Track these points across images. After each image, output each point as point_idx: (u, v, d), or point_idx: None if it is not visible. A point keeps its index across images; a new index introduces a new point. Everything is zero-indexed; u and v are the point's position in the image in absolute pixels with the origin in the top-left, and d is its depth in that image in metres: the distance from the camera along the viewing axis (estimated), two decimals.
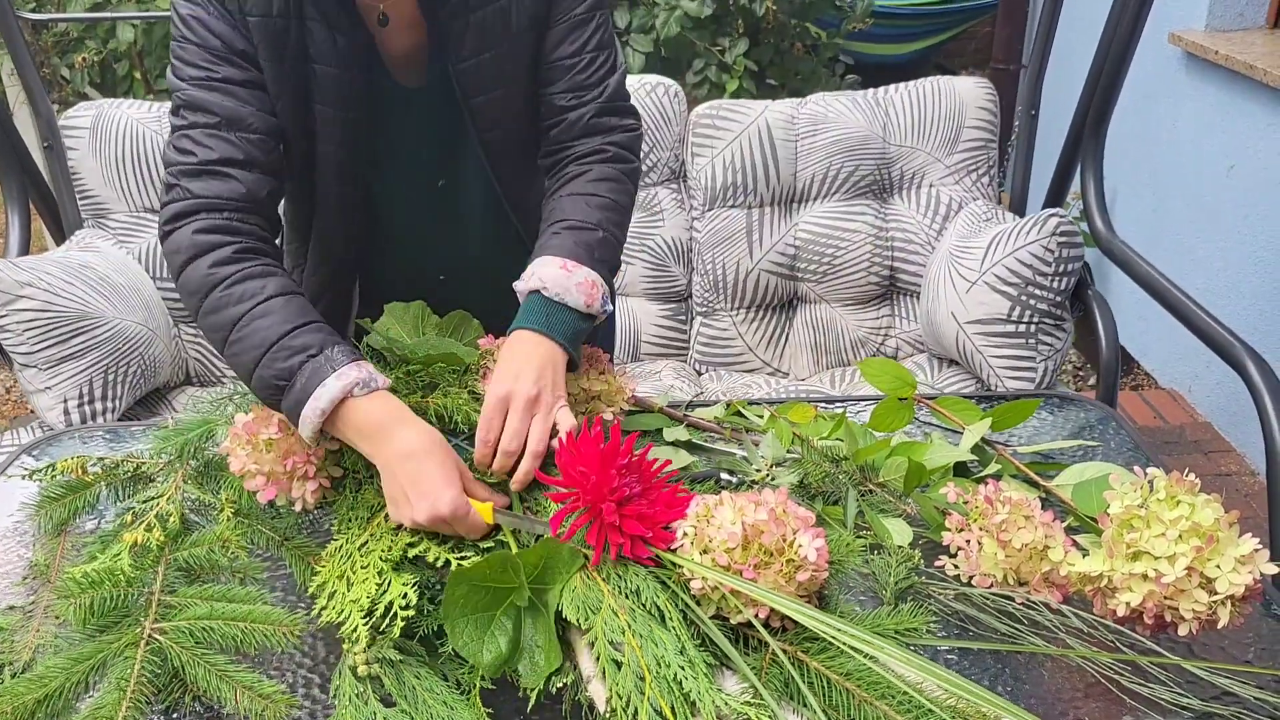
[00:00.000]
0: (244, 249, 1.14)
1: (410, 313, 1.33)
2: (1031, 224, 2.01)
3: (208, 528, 1.13)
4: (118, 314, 2.09)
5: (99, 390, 2.03)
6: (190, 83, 1.16)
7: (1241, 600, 0.94)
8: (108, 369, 2.04)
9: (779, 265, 2.41)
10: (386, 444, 1.05)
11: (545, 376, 1.13)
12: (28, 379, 2.00)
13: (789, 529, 0.97)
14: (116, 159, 2.32)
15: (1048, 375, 2.07)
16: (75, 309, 2.00)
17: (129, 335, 2.09)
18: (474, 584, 0.96)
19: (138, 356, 2.11)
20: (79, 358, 2.00)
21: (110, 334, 2.05)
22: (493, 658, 0.94)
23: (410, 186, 1.39)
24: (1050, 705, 0.98)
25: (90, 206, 2.36)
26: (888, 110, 2.41)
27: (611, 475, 1.00)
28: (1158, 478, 1.00)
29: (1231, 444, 3.01)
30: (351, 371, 1.07)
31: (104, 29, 3.49)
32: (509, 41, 1.25)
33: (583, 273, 1.19)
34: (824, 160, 2.38)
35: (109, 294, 2.10)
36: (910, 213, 2.41)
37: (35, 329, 1.96)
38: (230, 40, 1.17)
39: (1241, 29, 3.00)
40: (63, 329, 1.98)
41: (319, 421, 1.06)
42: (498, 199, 1.39)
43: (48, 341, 1.97)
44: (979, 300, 2.07)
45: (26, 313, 1.94)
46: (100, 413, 2.03)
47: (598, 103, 1.30)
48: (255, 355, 1.08)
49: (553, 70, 1.29)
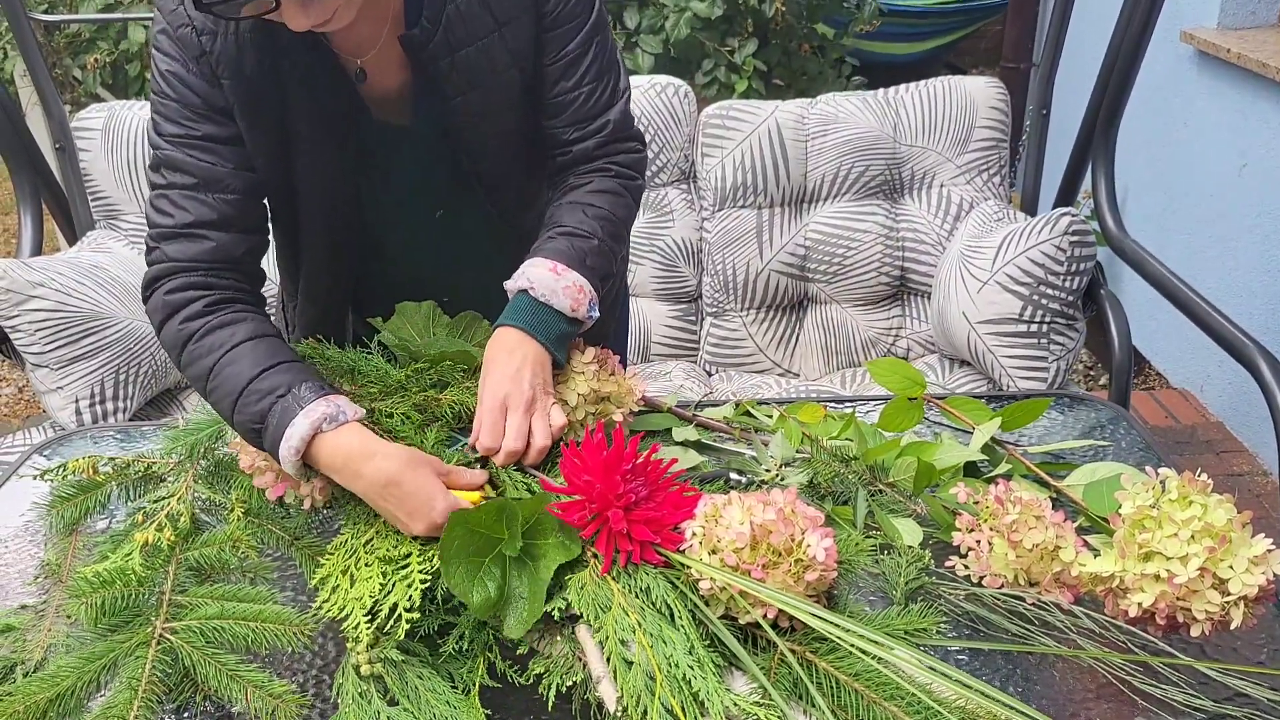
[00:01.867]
0: (215, 301, 1.16)
1: (421, 312, 1.34)
2: (1043, 223, 2.00)
3: (218, 527, 1.14)
4: (129, 314, 2.10)
5: (110, 390, 2.04)
6: (169, 140, 1.16)
7: (1254, 601, 0.93)
8: (119, 369, 2.05)
9: (789, 266, 2.41)
10: (359, 478, 1.06)
11: (537, 376, 1.15)
12: (40, 379, 2.01)
13: (797, 529, 0.97)
14: (129, 161, 2.33)
15: (1060, 375, 2.06)
16: (87, 309, 2.01)
17: (140, 335, 2.10)
18: (470, 528, 0.98)
19: (149, 356, 2.12)
20: (90, 358, 2.02)
21: (121, 334, 2.06)
22: (481, 600, 0.97)
23: (408, 217, 1.38)
24: (1061, 706, 0.97)
25: (102, 208, 2.37)
26: (898, 110, 2.41)
27: (617, 481, 1.00)
28: (1170, 478, 0.99)
29: (1244, 444, 3.00)
30: (320, 407, 1.07)
31: (115, 30, 3.50)
32: (494, 76, 1.24)
33: (572, 276, 1.19)
34: (834, 160, 2.38)
35: (120, 294, 2.11)
36: (921, 213, 2.41)
37: (47, 329, 1.97)
38: (209, 98, 1.16)
39: (1254, 27, 2.99)
40: (74, 329, 1.99)
41: (296, 459, 1.07)
42: (494, 224, 1.39)
43: (59, 342, 1.98)
44: (990, 300, 2.06)
45: (39, 313, 1.96)
46: (111, 413, 2.04)
47: (601, 135, 1.30)
48: (230, 402, 1.10)
49: (554, 106, 1.29)
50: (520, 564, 1.00)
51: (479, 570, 0.98)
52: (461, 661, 1.00)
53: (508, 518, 1.00)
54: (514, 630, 0.97)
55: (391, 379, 1.22)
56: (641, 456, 1.04)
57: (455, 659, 1.00)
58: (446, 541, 0.97)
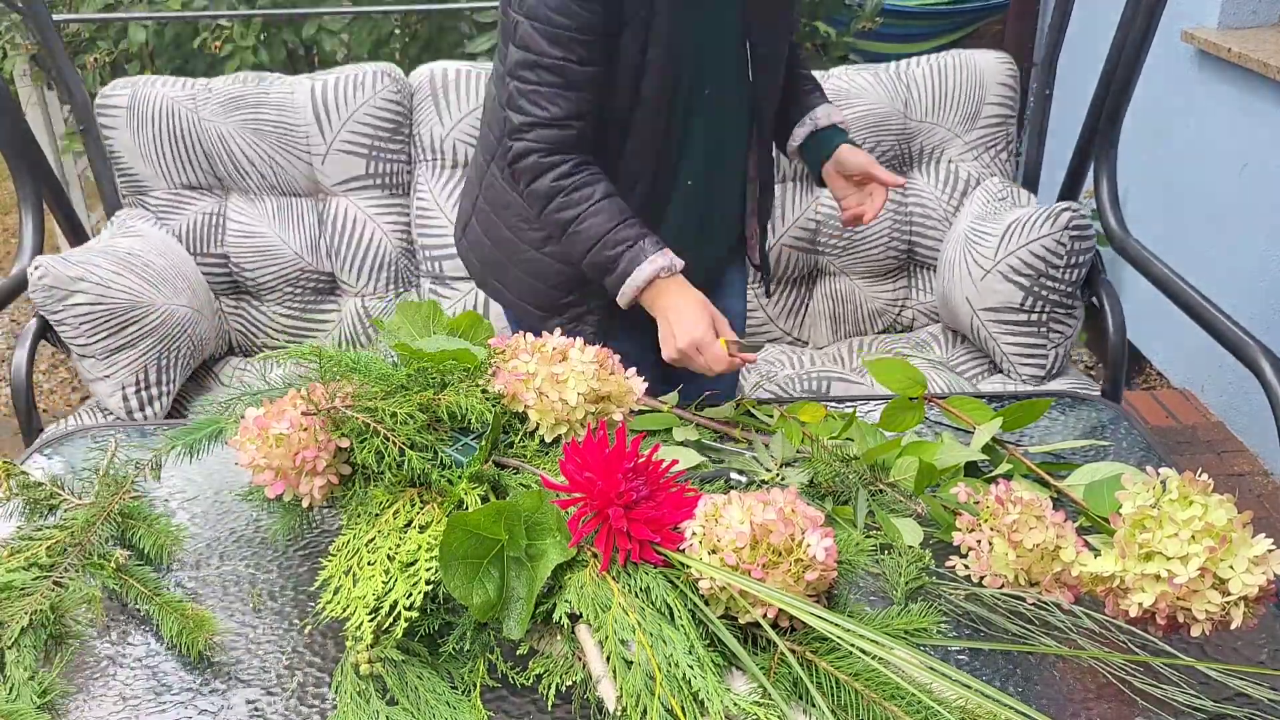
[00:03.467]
0: (578, 163, 1.49)
1: (421, 311, 1.34)
2: (1045, 217, 2.03)
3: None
4: (165, 300, 2.14)
5: (154, 376, 2.11)
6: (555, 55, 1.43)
7: (1255, 602, 0.93)
8: (160, 354, 2.12)
9: (801, 240, 2.45)
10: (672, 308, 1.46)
11: None
12: (87, 368, 2.07)
13: (797, 529, 0.97)
14: (154, 136, 2.35)
15: (1058, 361, 2.12)
16: (126, 299, 2.06)
17: (178, 319, 2.16)
18: (468, 530, 0.98)
19: (186, 339, 2.18)
20: (132, 346, 2.07)
21: (160, 320, 2.11)
22: (481, 602, 0.97)
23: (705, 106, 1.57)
24: (1062, 706, 0.97)
25: (129, 184, 2.40)
26: (909, 85, 2.42)
27: (618, 480, 1.00)
28: (1170, 478, 0.99)
29: (1244, 444, 3.00)
30: (659, 259, 1.46)
31: (115, 29, 3.50)
32: None
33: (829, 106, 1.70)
34: None
35: (155, 280, 2.15)
36: (929, 187, 2.44)
37: (90, 322, 2.02)
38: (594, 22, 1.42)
39: (1255, 26, 2.99)
40: (116, 320, 2.04)
41: (635, 296, 1.48)
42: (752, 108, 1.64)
43: (103, 332, 2.03)
44: (993, 288, 2.11)
45: (80, 306, 2.00)
46: (157, 397, 2.11)
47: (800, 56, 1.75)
48: (588, 245, 1.48)
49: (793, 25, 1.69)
50: (519, 564, 1.00)
51: (478, 572, 0.98)
52: (461, 662, 1.00)
53: (507, 518, 1.00)
54: (514, 630, 0.97)
55: (393, 379, 1.22)
56: (642, 456, 1.04)
57: (455, 659, 1.00)
58: (445, 544, 0.97)
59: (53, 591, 1.06)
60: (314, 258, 2.42)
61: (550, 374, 1.19)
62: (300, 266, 2.42)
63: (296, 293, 2.45)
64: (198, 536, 1.25)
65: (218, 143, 2.37)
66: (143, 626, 1.10)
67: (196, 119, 2.35)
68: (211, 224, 2.40)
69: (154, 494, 1.32)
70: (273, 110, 2.36)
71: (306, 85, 2.36)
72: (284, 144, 2.37)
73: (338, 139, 2.36)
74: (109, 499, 1.19)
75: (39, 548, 1.11)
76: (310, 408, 1.11)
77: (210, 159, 2.38)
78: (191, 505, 1.31)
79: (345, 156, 2.37)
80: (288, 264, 2.41)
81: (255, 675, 1.03)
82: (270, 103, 2.36)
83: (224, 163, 2.39)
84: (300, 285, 2.44)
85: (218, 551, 1.22)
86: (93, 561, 1.12)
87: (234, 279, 2.44)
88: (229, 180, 2.42)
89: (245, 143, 2.37)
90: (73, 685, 1.02)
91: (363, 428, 1.12)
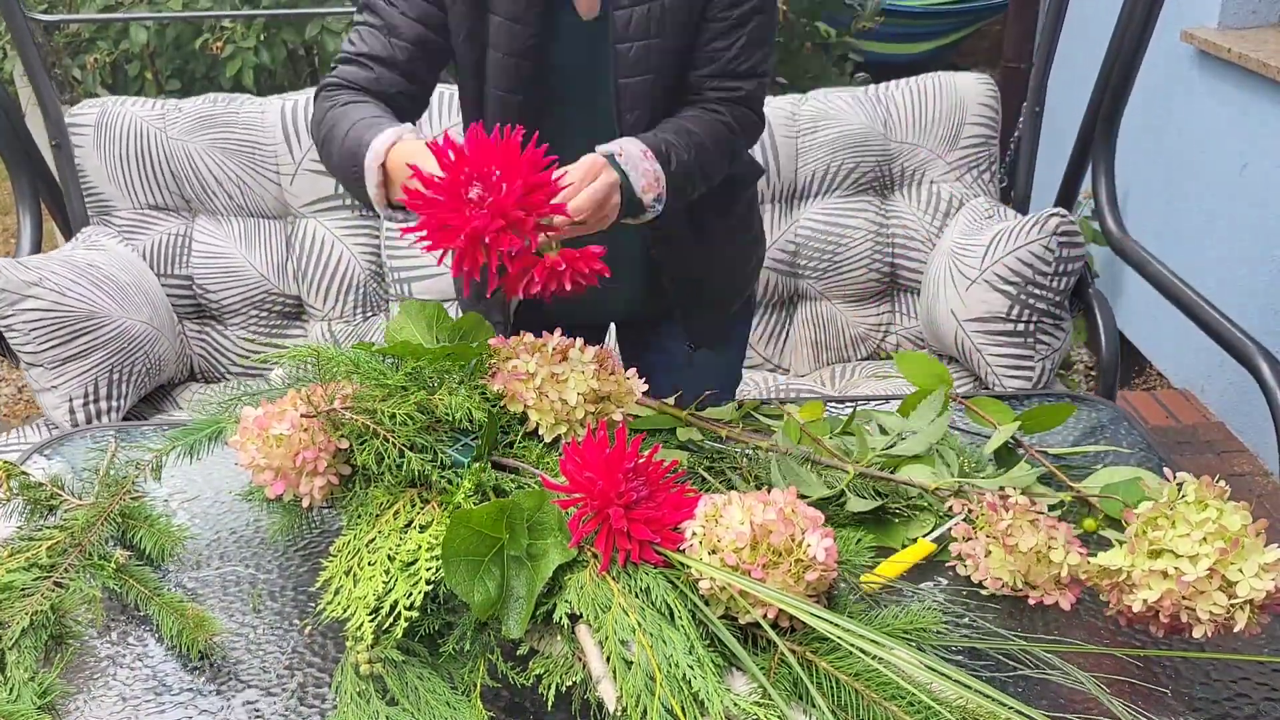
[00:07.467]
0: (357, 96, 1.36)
1: (425, 312, 1.34)
2: (1032, 223, 2.00)
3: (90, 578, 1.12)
4: (123, 313, 2.10)
5: (104, 389, 2.05)
6: None
7: (1261, 609, 0.93)
8: (113, 368, 2.06)
9: (780, 262, 2.42)
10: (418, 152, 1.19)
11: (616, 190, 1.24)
12: (34, 377, 2.02)
13: (797, 529, 0.97)
14: (121, 156, 2.33)
15: (1045, 374, 2.07)
16: (82, 309, 2.02)
17: (134, 335, 2.11)
18: (470, 528, 0.98)
19: (143, 355, 2.12)
20: (84, 357, 2.02)
21: (116, 333, 2.06)
22: (481, 599, 0.97)
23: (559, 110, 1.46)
24: (1062, 707, 0.97)
25: (95, 203, 2.37)
26: (889, 106, 2.41)
27: (618, 480, 0.99)
28: (1187, 481, 0.99)
29: (1244, 444, 3.00)
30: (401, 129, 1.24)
31: (116, 30, 3.50)
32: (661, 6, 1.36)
33: (656, 167, 1.31)
34: (825, 157, 2.39)
35: (114, 293, 2.11)
36: (911, 209, 2.42)
37: (41, 329, 1.97)
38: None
39: (1255, 26, 2.99)
40: (68, 329, 1.99)
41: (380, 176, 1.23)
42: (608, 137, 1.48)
43: (54, 341, 1.98)
44: (979, 298, 2.07)
45: (33, 312, 1.96)
46: (105, 411, 2.05)
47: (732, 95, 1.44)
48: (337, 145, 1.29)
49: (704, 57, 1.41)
50: (519, 563, 1.00)
51: (479, 570, 0.98)
52: (462, 662, 1.00)
53: (509, 517, 1.00)
54: (514, 630, 0.97)
55: (390, 381, 1.21)
56: (642, 456, 1.04)
57: (455, 659, 1.00)
58: (448, 541, 0.97)
59: (53, 592, 1.06)
60: (280, 280, 2.40)
61: (550, 374, 1.19)
62: (266, 289, 2.39)
63: (262, 316, 2.42)
64: (198, 536, 1.25)
65: (185, 162, 2.35)
66: (143, 627, 1.10)
67: (165, 138, 2.34)
68: (177, 245, 2.38)
69: (154, 494, 1.32)
70: (242, 130, 2.35)
71: (277, 105, 2.36)
72: (253, 163, 2.35)
73: (307, 158, 2.34)
74: (109, 499, 1.19)
75: (39, 548, 1.11)
76: (309, 410, 1.11)
77: (178, 179, 2.36)
78: (191, 505, 1.31)
79: (315, 176, 2.35)
80: (253, 286, 2.39)
81: (255, 675, 1.03)
82: (240, 122, 2.35)
83: (191, 183, 2.37)
84: (265, 308, 2.41)
85: (218, 551, 1.22)
86: (93, 562, 1.12)
87: (197, 301, 2.40)
88: (196, 201, 2.40)
89: (214, 162, 2.35)
90: (73, 685, 1.02)
91: (362, 429, 1.12)
